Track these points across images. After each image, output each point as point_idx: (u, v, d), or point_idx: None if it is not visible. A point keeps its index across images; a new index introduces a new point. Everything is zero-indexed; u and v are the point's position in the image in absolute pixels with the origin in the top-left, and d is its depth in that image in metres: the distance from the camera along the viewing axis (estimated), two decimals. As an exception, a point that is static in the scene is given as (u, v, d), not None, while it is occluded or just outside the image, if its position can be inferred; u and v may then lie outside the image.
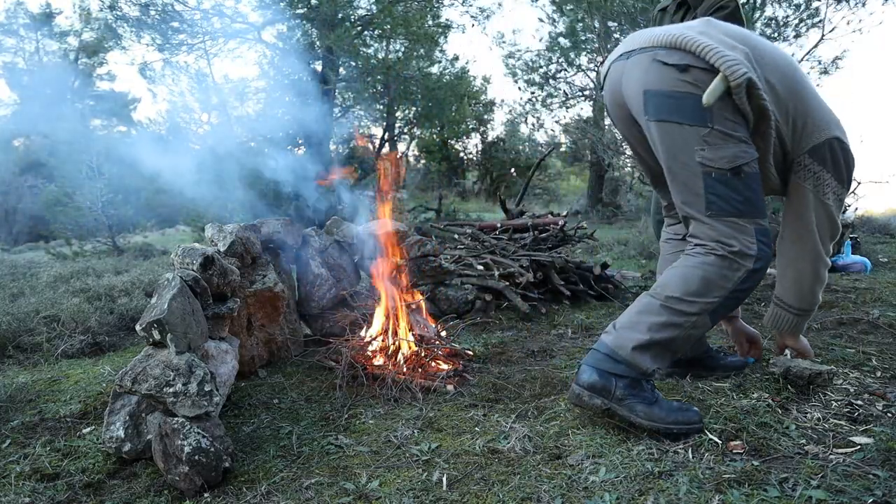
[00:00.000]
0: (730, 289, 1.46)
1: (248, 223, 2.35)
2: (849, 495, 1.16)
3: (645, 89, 1.49)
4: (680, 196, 1.53)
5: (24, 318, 2.92)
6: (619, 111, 1.67)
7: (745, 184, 1.45)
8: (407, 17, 8.01)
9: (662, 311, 1.48)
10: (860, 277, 3.89)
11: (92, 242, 6.92)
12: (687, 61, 1.43)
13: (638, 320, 1.50)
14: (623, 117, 1.67)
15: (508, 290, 3.09)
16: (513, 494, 1.27)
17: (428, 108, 9.45)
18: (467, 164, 19.46)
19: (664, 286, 1.51)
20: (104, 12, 7.39)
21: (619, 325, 1.54)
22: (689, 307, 1.46)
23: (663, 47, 1.47)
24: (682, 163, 1.47)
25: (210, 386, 1.47)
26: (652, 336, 1.47)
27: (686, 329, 1.48)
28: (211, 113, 7.14)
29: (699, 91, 1.41)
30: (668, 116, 1.46)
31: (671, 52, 1.45)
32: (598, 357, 1.51)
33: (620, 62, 1.59)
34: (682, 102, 1.44)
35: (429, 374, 2.06)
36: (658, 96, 1.47)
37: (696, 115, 1.43)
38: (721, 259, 1.45)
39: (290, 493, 1.35)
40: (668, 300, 1.48)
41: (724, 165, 1.43)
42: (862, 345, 2.24)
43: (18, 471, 1.49)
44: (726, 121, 1.42)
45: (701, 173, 1.45)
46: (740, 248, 1.44)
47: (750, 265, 1.45)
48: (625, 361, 1.47)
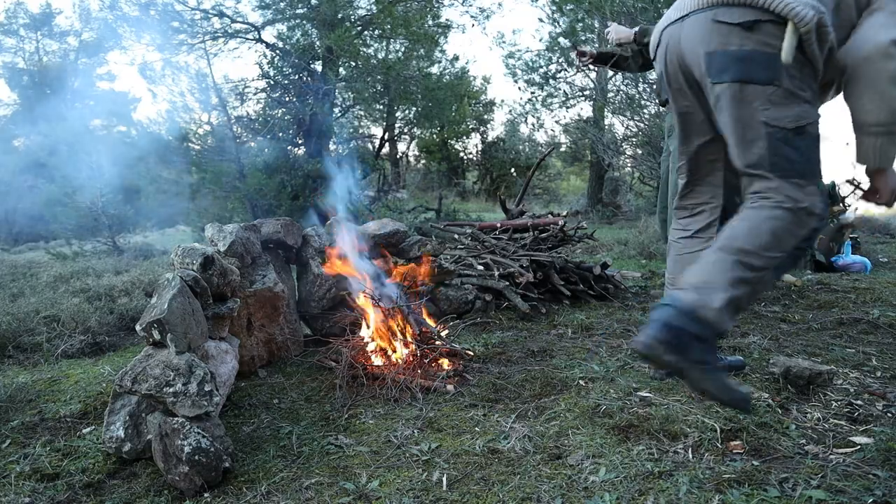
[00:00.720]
0: (793, 245, 1.42)
1: (248, 223, 2.35)
2: (849, 495, 1.16)
3: (708, 51, 1.45)
4: (743, 158, 1.48)
5: (24, 318, 2.92)
6: (676, 77, 1.62)
7: (807, 144, 1.42)
8: (407, 17, 8.01)
9: (736, 266, 1.41)
10: (860, 277, 3.89)
11: (92, 242, 6.91)
12: (751, 17, 1.38)
13: (715, 278, 1.42)
14: (679, 84, 1.62)
15: (508, 290, 3.09)
16: (513, 494, 1.27)
17: (428, 108, 9.44)
18: (467, 164, 19.46)
19: (732, 238, 1.45)
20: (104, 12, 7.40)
21: (693, 283, 1.45)
22: (758, 261, 1.41)
23: (722, 5, 1.42)
24: (745, 123, 1.44)
25: (210, 386, 1.47)
26: (731, 293, 1.39)
27: (754, 285, 1.42)
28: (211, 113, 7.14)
29: (766, 48, 1.37)
30: (733, 76, 1.43)
31: (731, 9, 1.41)
32: (674, 314, 1.40)
33: (675, 27, 1.55)
34: (748, 62, 1.40)
35: (429, 374, 2.06)
36: (722, 57, 1.43)
37: (762, 73, 1.39)
38: (790, 213, 1.41)
39: (290, 493, 1.35)
40: (739, 253, 1.42)
41: (788, 125, 1.40)
42: (862, 345, 2.24)
43: (18, 471, 1.49)
44: (793, 79, 1.39)
45: (765, 133, 1.41)
46: (808, 205, 1.40)
47: (814, 223, 1.42)
48: (706, 321, 1.38)
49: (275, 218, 2.57)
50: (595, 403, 1.72)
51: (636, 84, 8.29)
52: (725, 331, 1.41)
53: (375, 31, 8.48)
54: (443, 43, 10.54)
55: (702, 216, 1.83)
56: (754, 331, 2.56)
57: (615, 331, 2.68)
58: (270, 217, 2.70)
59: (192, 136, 7.19)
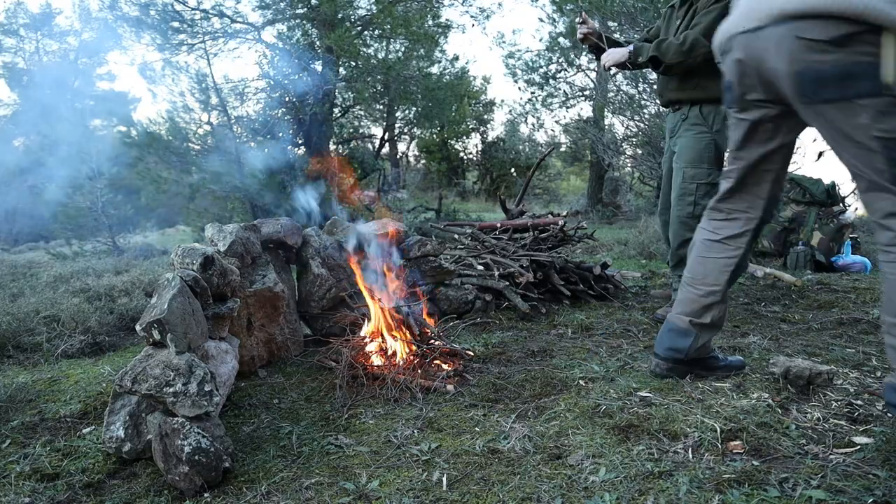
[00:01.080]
0: None
1: (248, 223, 2.35)
2: (849, 495, 1.16)
3: (796, 70, 1.35)
4: (863, 179, 1.37)
5: (24, 318, 2.92)
6: (753, 89, 1.53)
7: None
8: (407, 17, 8.01)
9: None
10: (860, 277, 3.89)
11: (92, 242, 6.91)
12: (842, 31, 1.26)
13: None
14: (755, 95, 1.54)
15: (508, 290, 3.09)
16: (513, 494, 1.27)
17: (428, 108, 9.44)
18: (467, 164, 19.47)
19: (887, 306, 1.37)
20: (104, 12, 7.39)
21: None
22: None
23: (802, 17, 1.31)
24: (856, 141, 1.33)
25: (210, 386, 1.47)
26: None
27: None
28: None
29: (863, 58, 1.26)
30: (832, 96, 1.32)
31: (815, 23, 1.29)
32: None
33: (748, 37, 1.45)
34: (847, 78, 1.29)
35: (429, 374, 2.06)
36: (815, 76, 1.33)
37: (866, 86, 1.28)
38: None
39: (290, 493, 1.35)
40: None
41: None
42: (862, 345, 2.24)
43: (18, 471, 1.49)
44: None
45: (881, 147, 1.30)
46: None
47: None
48: None
49: (275, 218, 2.57)
50: (595, 403, 1.73)
51: (636, 84, 8.29)
52: None
53: (375, 31, 8.48)
54: (443, 43, 10.54)
55: (736, 223, 1.78)
56: (754, 331, 2.56)
57: (615, 331, 2.68)
58: (270, 217, 2.70)
59: (192, 136, 7.19)
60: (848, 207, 5.01)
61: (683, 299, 1.88)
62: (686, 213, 2.72)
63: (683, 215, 2.73)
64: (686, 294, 1.87)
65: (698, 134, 2.69)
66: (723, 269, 1.80)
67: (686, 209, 2.72)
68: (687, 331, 1.85)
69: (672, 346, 1.88)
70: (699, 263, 1.86)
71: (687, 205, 2.71)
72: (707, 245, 1.85)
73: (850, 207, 5.04)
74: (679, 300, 1.91)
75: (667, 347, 1.89)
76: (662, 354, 1.90)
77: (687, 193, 2.71)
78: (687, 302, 1.86)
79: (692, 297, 1.85)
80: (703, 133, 2.68)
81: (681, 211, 2.74)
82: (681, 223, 2.76)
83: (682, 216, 2.74)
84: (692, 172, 2.69)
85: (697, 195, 2.69)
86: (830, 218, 4.77)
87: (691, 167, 2.70)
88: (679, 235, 2.77)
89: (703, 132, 2.68)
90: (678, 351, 1.86)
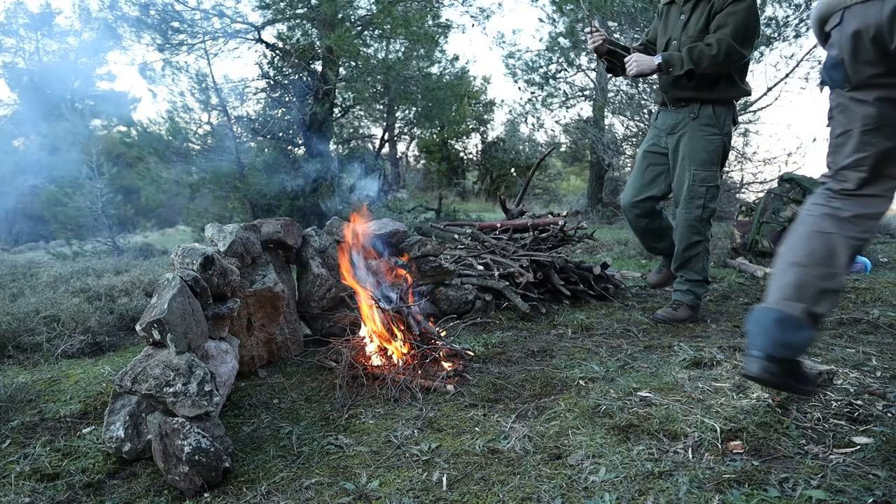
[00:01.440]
0: None
1: (248, 223, 2.35)
2: (849, 495, 1.16)
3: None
4: None
5: (24, 318, 2.92)
6: (875, 62, 1.41)
7: None
8: (407, 17, 8.00)
9: None
10: (860, 277, 3.89)
11: (92, 242, 6.92)
12: None
13: None
14: (885, 66, 1.41)
15: (508, 290, 3.09)
16: (513, 494, 1.27)
17: (428, 108, 9.44)
18: (467, 164, 19.47)
19: None
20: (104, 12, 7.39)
21: None
22: None
23: None
24: None
25: (210, 386, 1.47)
26: None
27: None
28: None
29: None
30: None
31: None
32: None
33: (867, 7, 1.37)
34: None
35: (429, 374, 2.06)
36: None
37: None
38: None
39: (290, 493, 1.35)
40: None
41: None
42: (862, 345, 2.24)
43: (18, 471, 1.49)
44: None
45: None
46: None
47: None
48: None
49: (275, 218, 2.57)
50: (595, 403, 1.73)
51: (636, 84, 8.29)
52: None
53: (375, 31, 8.47)
54: (443, 43, 10.54)
55: (872, 201, 1.49)
56: (754, 331, 2.56)
57: (615, 331, 2.68)
58: (270, 217, 2.70)
59: (192, 136, 7.19)
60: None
61: (792, 283, 1.45)
62: (695, 217, 2.71)
63: (692, 219, 2.71)
64: (795, 276, 1.46)
65: (710, 136, 2.65)
66: (847, 248, 1.47)
67: (695, 212, 2.70)
68: (800, 322, 1.40)
69: (785, 342, 1.38)
70: (817, 240, 1.49)
71: (696, 208, 2.69)
72: (829, 221, 1.51)
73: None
74: (784, 284, 1.47)
75: (778, 342, 1.38)
76: (773, 352, 1.37)
77: (696, 196, 2.69)
78: (797, 286, 1.44)
79: (805, 280, 1.44)
80: (714, 135, 2.64)
81: (689, 214, 2.71)
82: (688, 226, 2.73)
83: (690, 219, 2.72)
84: (702, 175, 2.66)
85: (707, 198, 2.67)
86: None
87: (702, 170, 2.66)
88: (686, 238, 2.76)
89: (715, 134, 2.64)
90: (793, 348, 1.39)
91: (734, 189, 7.14)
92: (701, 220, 2.71)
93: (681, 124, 2.72)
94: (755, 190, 6.89)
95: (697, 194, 2.68)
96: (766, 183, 6.62)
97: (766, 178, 6.74)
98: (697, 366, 2.05)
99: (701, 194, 2.67)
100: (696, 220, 2.70)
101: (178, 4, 7.08)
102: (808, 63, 6.36)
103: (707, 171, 2.65)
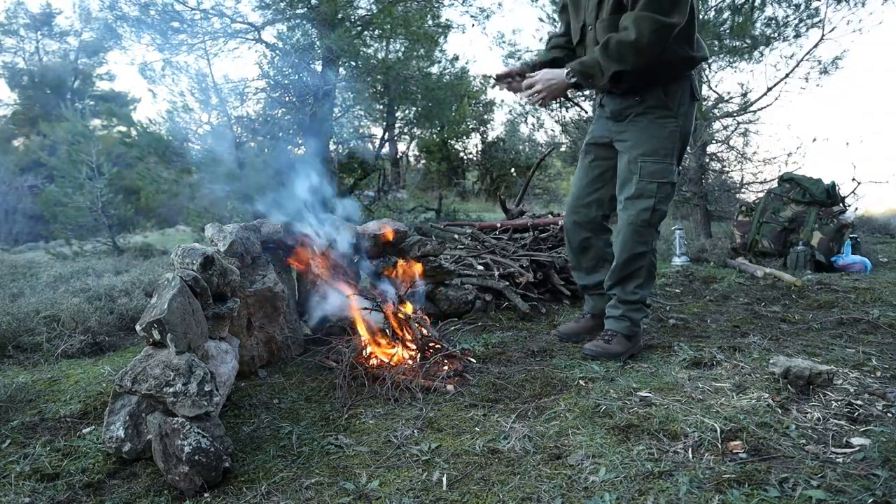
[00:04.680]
0: None
1: (248, 223, 2.35)
2: (849, 495, 1.16)
3: None
4: None
5: (24, 318, 2.92)
6: None
7: None
8: (407, 17, 8.00)
9: None
10: (860, 277, 3.89)
11: (92, 242, 6.92)
12: None
13: None
14: None
15: (508, 290, 3.09)
16: (513, 494, 1.27)
17: (428, 108, 9.43)
18: (467, 164, 19.45)
19: None
20: (104, 12, 7.39)
21: None
22: None
23: None
24: None
25: (210, 386, 1.47)
26: None
27: None
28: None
29: None
30: None
31: None
32: None
33: None
34: None
35: (429, 374, 2.06)
36: None
37: None
38: None
39: (290, 493, 1.35)
40: None
41: None
42: (862, 345, 2.24)
43: (18, 471, 1.49)
44: None
45: None
46: None
47: None
48: None
49: (274, 218, 2.57)
50: (595, 403, 1.73)
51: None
52: None
53: (375, 31, 8.47)
54: (443, 43, 10.55)
55: None
56: (754, 331, 2.56)
57: (615, 331, 2.68)
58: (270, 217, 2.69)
59: (191, 136, 7.19)
60: (848, 207, 5.01)
61: None
62: (640, 220, 2.16)
63: (638, 222, 2.16)
64: None
65: (660, 118, 2.12)
66: None
67: (641, 215, 2.15)
68: None
69: None
70: None
71: (643, 210, 2.15)
72: None
73: (850, 207, 5.04)
74: None
75: None
76: None
77: (645, 195, 2.14)
78: None
79: None
80: (666, 118, 2.12)
81: (634, 217, 2.16)
82: (633, 232, 2.17)
83: (636, 223, 2.17)
84: (652, 168, 2.12)
85: (658, 197, 2.14)
86: (830, 218, 4.77)
87: (651, 161, 2.12)
88: (627, 247, 2.19)
89: (667, 116, 2.12)
90: None
91: (734, 189, 7.13)
92: (648, 225, 2.16)
93: (625, 109, 2.20)
94: (755, 190, 6.89)
95: (646, 192, 2.14)
96: (766, 183, 6.62)
97: (766, 178, 6.73)
98: (697, 366, 2.05)
99: (650, 192, 2.13)
100: (641, 223, 2.15)
101: (178, 4, 7.08)
102: (808, 63, 6.35)
103: (658, 163, 2.12)
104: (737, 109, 6.58)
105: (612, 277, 2.28)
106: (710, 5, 6.52)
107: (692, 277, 4.05)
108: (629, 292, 2.25)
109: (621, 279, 2.26)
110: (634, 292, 2.24)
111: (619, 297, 2.27)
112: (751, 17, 5.89)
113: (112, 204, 6.89)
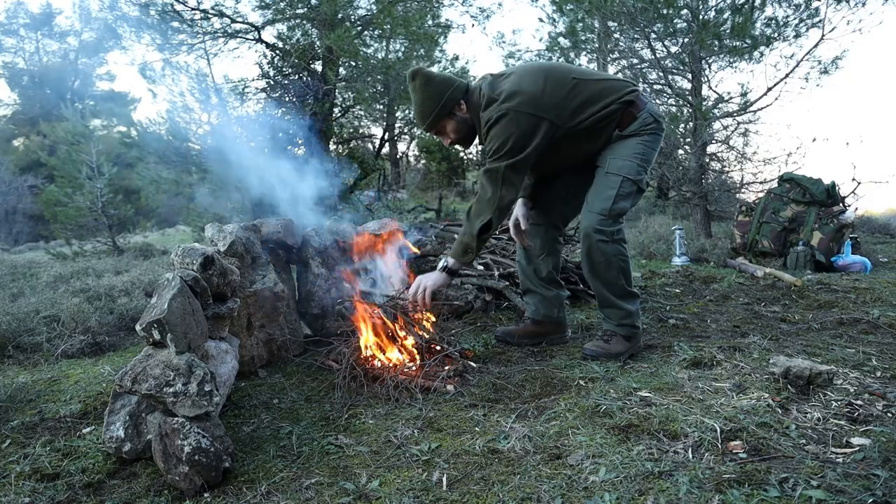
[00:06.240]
0: None
1: (248, 223, 2.35)
2: (849, 495, 1.16)
3: None
4: None
5: (24, 318, 2.92)
6: None
7: None
8: (407, 17, 8.00)
9: None
10: (860, 277, 3.89)
11: (92, 242, 6.93)
12: None
13: None
14: None
15: (508, 290, 3.09)
16: (513, 494, 1.27)
17: (428, 108, 9.43)
18: (467, 164, 19.45)
19: None
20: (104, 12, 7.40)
21: None
22: None
23: None
24: None
25: (210, 386, 1.47)
26: None
27: None
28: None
29: None
30: None
31: None
32: None
33: None
34: None
35: (429, 374, 2.06)
36: None
37: None
38: None
39: (290, 493, 1.35)
40: None
41: None
42: (862, 345, 2.24)
43: (18, 471, 1.49)
44: None
45: None
46: None
47: None
48: None
49: (275, 218, 2.57)
50: (595, 403, 1.72)
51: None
52: None
53: (375, 31, 8.48)
54: (443, 43, 10.55)
55: None
56: (754, 331, 2.56)
57: (615, 331, 2.68)
58: (270, 217, 2.70)
59: (191, 136, 7.19)
60: (848, 207, 5.01)
61: None
62: (599, 209, 2.13)
63: (597, 210, 2.14)
64: None
65: (627, 139, 2.20)
66: None
67: (601, 204, 2.13)
68: None
69: None
70: None
71: (605, 199, 2.13)
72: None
73: (850, 207, 5.04)
74: None
75: None
76: None
77: (608, 187, 2.14)
78: None
79: None
80: (632, 136, 2.20)
81: (595, 206, 2.15)
82: (597, 221, 2.13)
83: (594, 212, 2.14)
84: (620, 164, 2.15)
85: (620, 191, 2.12)
86: (830, 218, 4.77)
87: (619, 158, 2.16)
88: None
89: (632, 137, 2.20)
90: None
91: (734, 189, 7.13)
92: (608, 215, 2.12)
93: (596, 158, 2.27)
94: (755, 190, 6.89)
95: (609, 184, 2.14)
96: (766, 183, 6.62)
97: (766, 178, 6.74)
98: (697, 366, 2.05)
99: (614, 184, 2.13)
100: (600, 212, 2.13)
101: (178, 4, 7.08)
102: (807, 63, 6.35)
103: (625, 160, 2.15)
104: (737, 109, 6.58)
105: (599, 301, 2.31)
106: (711, 5, 6.52)
107: (692, 277, 4.05)
108: (617, 298, 2.26)
109: (606, 304, 2.28)
110: (621, 296, 2.26)
111: (612, 309, 2.29)
112: (751, 17, 5.89)
113: (112, 204, 6.90)
